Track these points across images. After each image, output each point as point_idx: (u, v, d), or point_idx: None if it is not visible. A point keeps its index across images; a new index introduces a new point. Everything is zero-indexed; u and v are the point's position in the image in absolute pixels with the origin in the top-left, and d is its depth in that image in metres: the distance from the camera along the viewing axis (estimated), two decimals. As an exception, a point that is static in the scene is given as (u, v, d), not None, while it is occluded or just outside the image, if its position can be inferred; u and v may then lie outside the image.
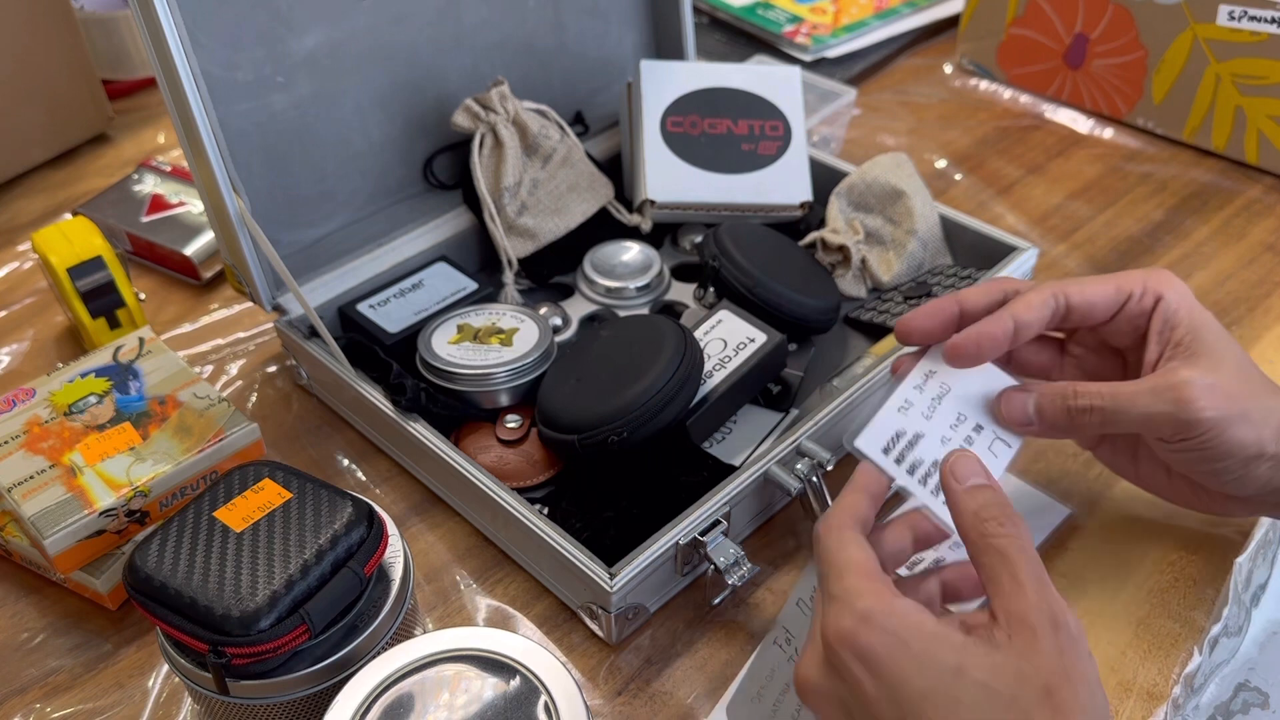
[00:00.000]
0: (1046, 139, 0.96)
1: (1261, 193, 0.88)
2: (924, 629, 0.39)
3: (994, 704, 0.37)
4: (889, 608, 0.40)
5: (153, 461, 0.57)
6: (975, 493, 0.44)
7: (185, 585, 0.44)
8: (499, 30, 0.75)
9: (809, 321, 0.67)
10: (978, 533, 0.42)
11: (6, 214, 0.89)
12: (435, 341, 0.64)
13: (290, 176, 0.68)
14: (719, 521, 0.54)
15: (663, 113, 0.76)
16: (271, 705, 0.46)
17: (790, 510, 0.62)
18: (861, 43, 1.08)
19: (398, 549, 0.50)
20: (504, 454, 0.61)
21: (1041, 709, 0.37)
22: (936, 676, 0.38)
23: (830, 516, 0.46)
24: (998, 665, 0.38)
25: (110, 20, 0.99)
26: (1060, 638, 0.39)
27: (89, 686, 0.54)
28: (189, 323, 0.78)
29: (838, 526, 0.45)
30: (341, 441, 0.68)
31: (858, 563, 0.42)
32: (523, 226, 0.72)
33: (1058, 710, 0.37)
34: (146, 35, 0.59)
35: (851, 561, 0.42)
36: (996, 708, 0.37)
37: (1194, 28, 0.87)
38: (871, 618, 0.40)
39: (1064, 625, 0.39)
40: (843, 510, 0.46)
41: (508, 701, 0.42)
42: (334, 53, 0.68)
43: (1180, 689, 0.52)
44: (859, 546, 0.44)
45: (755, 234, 0.70)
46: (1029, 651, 0.38)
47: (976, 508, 0.43)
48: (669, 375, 0.57)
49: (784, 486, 0.56)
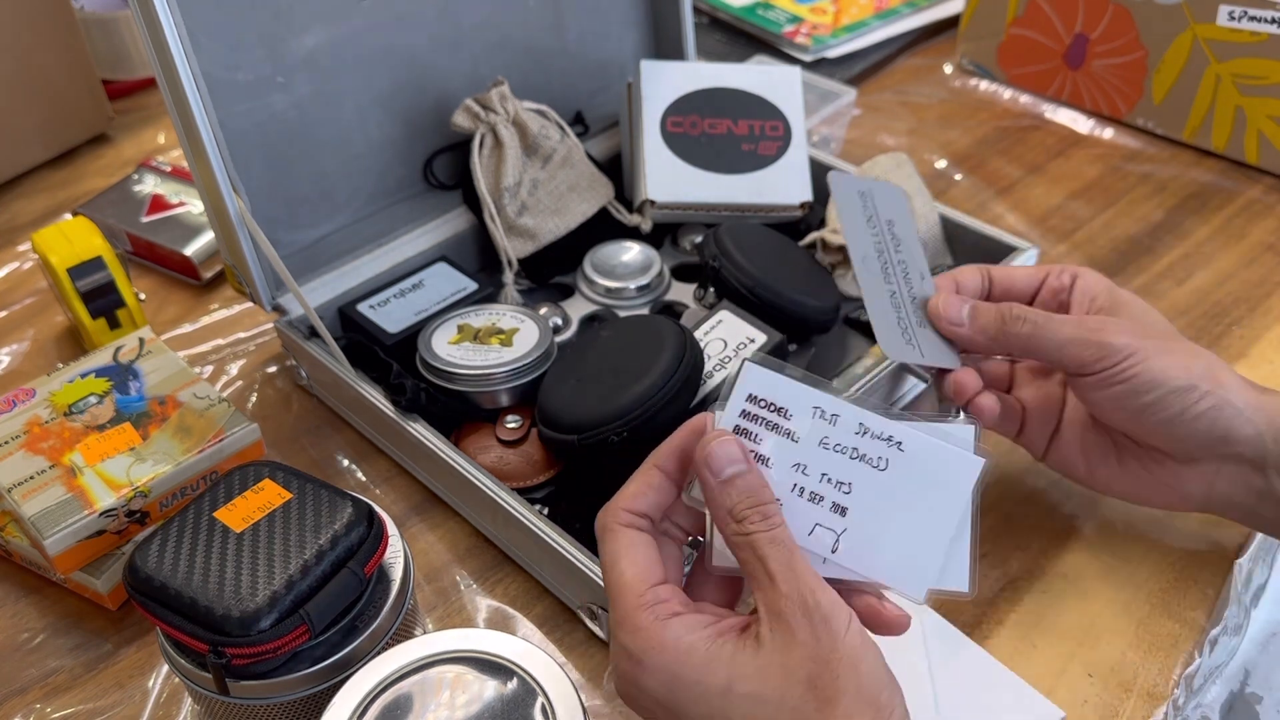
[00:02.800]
0: (1046, 139, 0.96)
1: (1261, 193, 0.88)
2: (693, 658, 0.39)
3: (763, 710, 0.38)
4: (660, 644, 0.40)
5: (153, 462, 0.57)
6: (728, 487, 0.41)
7: (185, 585, 0.44)
8: (499, 30, 0.75)
9: (809, 321, 0.67)
10: (732, 531, 0.41)
11: (6, 214, 0.89)
12: (435, 342, 0.64)
13: (290, 176, 0.68)
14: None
15: (663, 113, 0.76)
16: (271, 705, 0.46)
17: (790, 510, 0.62)
18: (861, 43, 1.08)
19: (398, 549, 0.50)
20: (504, 454, 0.61)
21: (806, 701, 0.38)
22: (709, 702, 0.39)
23: (606, 511, 0.44)
24: (762, 669, 0.38)
25: (110, 20, 0.99)
26: (814, 622, 0.39)
27: (89, 687, 0.54)
28: (189, 323, 0.78)
29: (611, 528, 0.43)
30: (341, 441, 0.68)
31: (628, 585, 0.41)
32: (523, 226, 0.72)
33: (822, 698, 0.38)
34: (146, 35, 0.59)
35: (622, 583, 0.41)
36: (767, 712, 0.38)
37: (1194, 28, 0.87)
38: (644, 660, 0.40)
39: (814, 608, 0.39)
40: (620, 503, 0.43)
41: (505, 703, 0.42)
42: (334, 53, 0.68)
43: (1180, 689, 0.52)
44: (631, 556, 0.42)
45: (755, 234, 0.70)
46: (788, 644, 0.38)
47: (731, 506, 0.41)
48: (669, 375, 0.57)
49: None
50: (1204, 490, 0.53)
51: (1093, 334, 0.51)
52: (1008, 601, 0.57)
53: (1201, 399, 0.50)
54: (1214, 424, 0.51)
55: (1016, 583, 0.58)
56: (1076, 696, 0.52)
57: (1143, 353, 0.51)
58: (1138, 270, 0.80)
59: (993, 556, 0.59)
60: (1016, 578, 0.58)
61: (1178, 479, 0.54)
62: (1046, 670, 0.53)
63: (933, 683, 0.52)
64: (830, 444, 0.43)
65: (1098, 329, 0.52)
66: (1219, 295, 0.77)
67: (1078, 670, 0.53)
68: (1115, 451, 0.56)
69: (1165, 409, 0.51)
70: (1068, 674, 0.53)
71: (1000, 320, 0.53)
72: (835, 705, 0.38)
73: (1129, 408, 0.52)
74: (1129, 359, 0.51)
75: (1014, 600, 0.57)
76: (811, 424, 0.43)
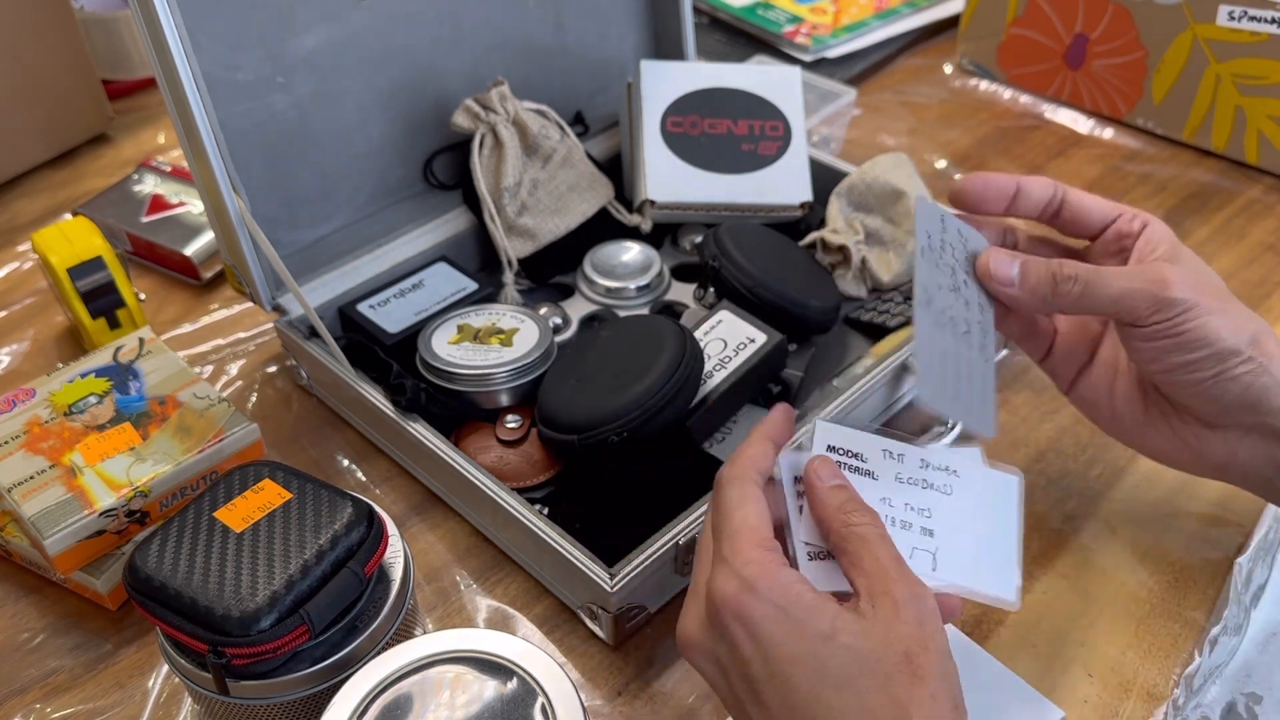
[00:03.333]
0: (1046, 139, 0.96)
1: (1261, 193, 0.88)
2: (803, 599, 0.41)
3: (859, 665, 0.39)
4: (773, 579, 0.41)
5: (153, 462, 0.57)
6: (836, 491, 0.46)
7: (185, 585, 0.44)
8: (499, 30, 0.75)
9: (809, 321, 0.67)
10: (840, 522, 0.44)
11: (6, 214, 0.89)
12: (435, 342, 0.64)
13: (290, 176, 0.68)
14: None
15: (663, 113, 0.76)
16: (271, 705, 0.46)
17: (790, 510, 0.62)
18: (861, 43, 1.08)
19: (398, 549, 0.50)
20: (504, 454, 0.61)
21: (900, 671, 0.39)
22: (808, 642, 0.40)
23: (734, 465, 0.46)
24: (865, 631, 0.40)
25: (110, 20, 0.99)
26: (921, 609, 0.41)
27: (89, 687, 0.54)
28: (189, 323, 0.78)
29: (740, 478, 0.45)
30: (341, 441, 0.68)
31: (751, 528, 0.43)
32: (523, 226, 0.72)
33: (915, 674, 0.39)
34: (146, 35, 0.59)
35: (745, 525, 0.43)
36: (862, 668, 0.39)
37: (1194, 28, 0.87)
38: (755, 586, 0.41)
39: (923, 598, 0.41)
40: (746, 460, 0.46)
41: (504, 703, 0.42)
42: (334, 53, 0.68)
43: (1180, 689, 0.52)
44: (755, 506, 0.44)
45: (755, 234, 0.70)
46: (892, 620, 0.40)
47: (839, 503, 0.45)
48: (669, 375, 0.57)
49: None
50: (1224, 457, 0.53)
51: (1151, 285, 0.50)
52: (1008, 601, 0.57)
53: (1243, 364, 0.50)
54: (1247, 390, 0.50)
55: (1016, 583, 0.58)
56: (1076, 696, 0.52)
57: (1198, 309, 0.49)
58: (1138, 270, 0.80)
59: (993, 556, 0.59)
60: (1016, 578, 0.58)
61: (1201, 441, 0.53)
62: (1046, 670, 0.53)
63: None
64: (904, 478, 0.49)
65: (1157, 279, 0.50)
66: (1219, 295, 0.77)
67: (1078, 670, 0.53)
68: (1143, 401, 0.55)
69: (1206, 368, 0.50)
70: (1068, 674, 0.53)
71: (1051, 280, 0.52)
72: (924, 684, 0.39)
73: (1172, 362, 0.51)
74: (1185, 313, 0.49)
75: (1014, 600, 0.57)
76: (884, 463, 0.49)
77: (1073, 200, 0.56)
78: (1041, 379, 0.70)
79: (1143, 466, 0.64)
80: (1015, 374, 0.70)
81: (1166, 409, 0.54)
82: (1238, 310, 0.51)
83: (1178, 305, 0.49)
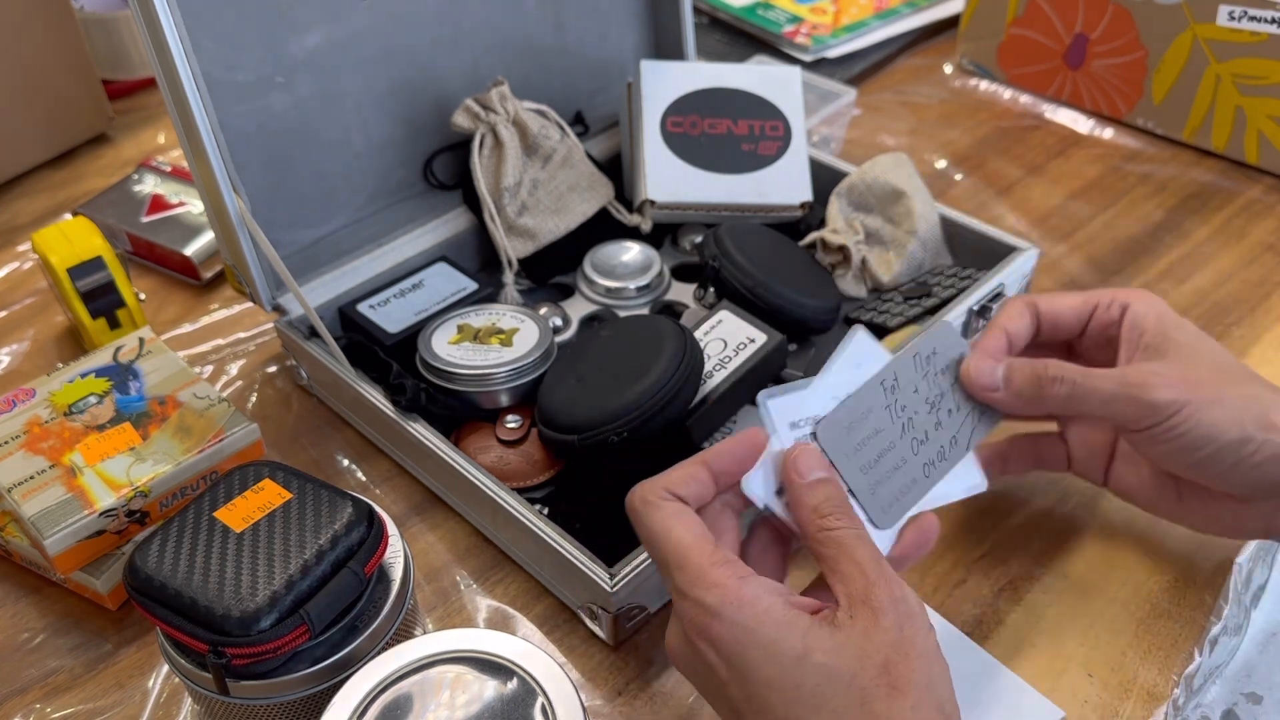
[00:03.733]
0: (1046, 139, 0.96)
1: (1261, 193, 0.88)
2: (772, 616, 0.39)
3: (834, 684, 0.38)
4: (737, 598, 0.40)
5: (153, 462, 0.57)
6: (815, 487, 0.44)
7: (185, 585, 0.44)
8: (499, 30, 0.75)
9: (809, 321, 0.67)
10: (816, 526, 0.43)
11: (6, 214, 0.89)
12: (435, 342, 0.64)
13: (290, 176, 0.68)
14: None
15: (663, 113, 0.76)
16: (271, 705, 0.46)
17: (790, 510, 0.62)
18: (861, 43, 1.08)
19: (398, 549, 0.50)
20: (504, 454, 0.61)
21: (878, 684, 0.38)
22: (781, 664, 0.39)
23: (646, 488, 0.44)
24: (840, 646, 0.39)
25: (110, 20, 0.99)
26: (900, 613, 0.40)
27: (89, 687, 0.54)
28: (189, 323, 0.78)
29: (655, 501, 0.43)
30: (341, 441, 0.68)
31: (692, 547, 0.41)
32: (523, 226, 0.72)
33: (894, 685, 0.38)
34: (146, 36, 0.59)
35: (684, 548, 0.41)
36: (836, 687, 0.38)
37: (1194, 28, 0.87)
38: (721, 612, 0.40)
39: (902, 600, 0.40)
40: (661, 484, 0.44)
41: (505, 703, 0.42)
42: (334, 53, 0.68)
43: (1180, 689, 0.52)
44: (686, 524, 0.42)
45: (755, 234, 0.70)
46: (870, 629, 0.39)
47: (816, 503, 0.43)
48: (669, 375, 0.57)
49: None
50: (1265, 525, 0.52)
51: (1135, 390, 0.48)
52: (1008, 601, 0.57)
53: (1258, 450, 0.48)
54: (1271, 472, 0.48)
55: (1016, 583, 0.58)
56: (1076, 696, 0.52)
57: (1190, 407, 0.48)
58: (1138, 270, 0.80)
59: (993, 556, 0.59)
60: (1016, 578, 0.58)
61: (1238, 517, 0.52)
62: (1046, 670, 0.53)
63: None
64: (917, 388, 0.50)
65: (1139, 384, 0.48)
66: (1219, 295, 0.77)
67: (1078, 670, 0.53)
68: (1174, 487, 0.54)
69: (1220, 462, 0.49)
70: (1068, 674, 0.53)
71: (1036, 383, 0.51)
72: (905, 695, 0.38)
73: (1183, 462, 0.50)
74: (1175, 416, 0.48)
75: (1014, 600, 0.57)
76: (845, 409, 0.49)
77: (1045, 309, 0.55)
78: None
79: (1143, 466, 0.64)
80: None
81: (1199, 490, 0.53)
82: (1235, 395, 0.49)
83: (1165, 409, 0.48)
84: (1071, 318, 0.55)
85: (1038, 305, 0.55)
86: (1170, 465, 0.51)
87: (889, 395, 0.50)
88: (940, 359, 0.52)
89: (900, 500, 0.49)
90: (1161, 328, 0.51)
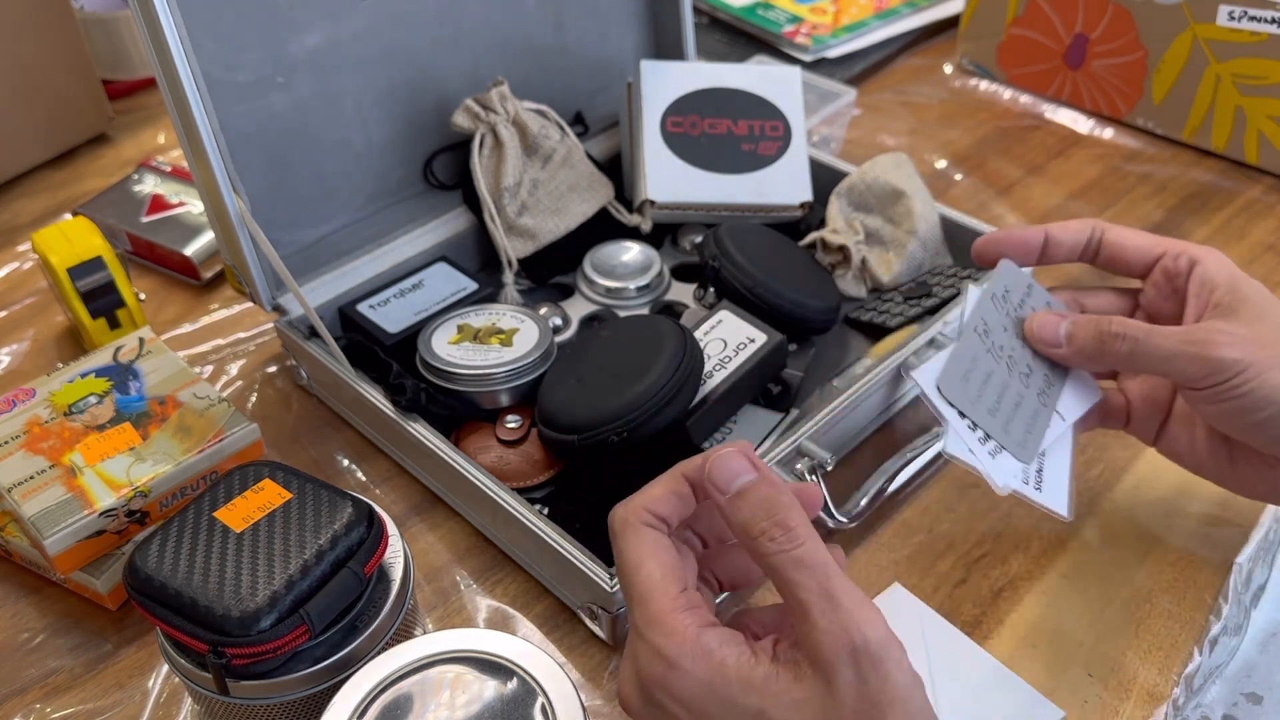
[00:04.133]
0: (1046, 139, 0.96)
1: (1261, 193, 0.88)
2: (726, 671, 0.37)
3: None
4: (695, 649, 0.38)
5: (153, 462, 0.57)
6: (740, 501, 0.40)
7: (185, 585, 0.44)
8: (499, 30, 0.75)
9: (809, 322, 0.67)
10: (753, 551, 0.39)
11: (6, 214, 0.89)
12: (435, 342, 0.64)
13: (290, 176, 0.68)
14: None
15: (663, 113, 0.76)
16: (271, 705, 0.46)
17: (790, 510, 0.62)
18: (861, 43, 1.08)
19: (398, 549, 0.50)
20: (504, 454, 0.61)
21: None
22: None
23: (626, 506, 0.42)
24: (797, 703, 0.36)
25: (110, 20, 0.99)
26: (861, 666, 0.36)
27: (89, 687, 0.54)
28: (189, 323, 0.78)
29: (632, 524, 0.41)
30: (341, 441, 0.68)
31: (658, 585, 0.39)
32: (523, 226, 0.72)
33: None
34: (146, 36, 0.59)
35: (651, 584, 0.39)
36: None
37: (1194, 28, 0.87)
38: (679, 665, 0.38)
39: (862, 649, 0.36)
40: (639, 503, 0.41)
41: (505, 703, 0.42)
42: (334, 53, 0.68)
43: (1180, 689, 0.52)
44: (659, 558, 0.40)
45: (755, 234, 0.70)
46: (830, 686, 0.36)
47: (744, 521, 0.39)
48: (669, 375, 0.57)
49: (784, 487, 0.56)
50: None
51: (1199, 348, 0.48)
52: (1008, 601, 0.57)
53: None
54: None
55: (1016, 583, 0.58)
56: (1076, 696, 0.52)
57: (1255, 368, 0.47)
58: (1138, 270, 0.80)
59: (993, 556, 0.59)
60: (1016, 578, 0.58)
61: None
62: (1046, 670, 0.53)
63: (933, 683, 0.52)
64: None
65: (1204, 342, 0.48)
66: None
67: (1078, 670, 0.53)
68: (1227, 450, 0.54)
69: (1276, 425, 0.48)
70: (1068, 674, 0.53)
71: (1099, 339, 0.51)
72: None
73: (1241, 423, 0.49)
74: (1239, 376, 0.47)
75: (1014, 600, 0.57)
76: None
77: (1111, 240, 0.55)
78: (1041, 379, 0.70)
79: (1143, 466, 0.64)
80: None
81: (1250, 455, 0.53)
82: None
83: (1230, 368, 0.47)
84: (1134, 257, 0.54)
85: (1104, 231, 0.55)
86: (1226, 426, 0.51)
87: (984, 340, 0.53)
88: (1014, 294, 0.55)
89: (1032, 431, 0.51)
90: (1233, 285, 0.51)
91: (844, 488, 0.62)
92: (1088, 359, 0.52)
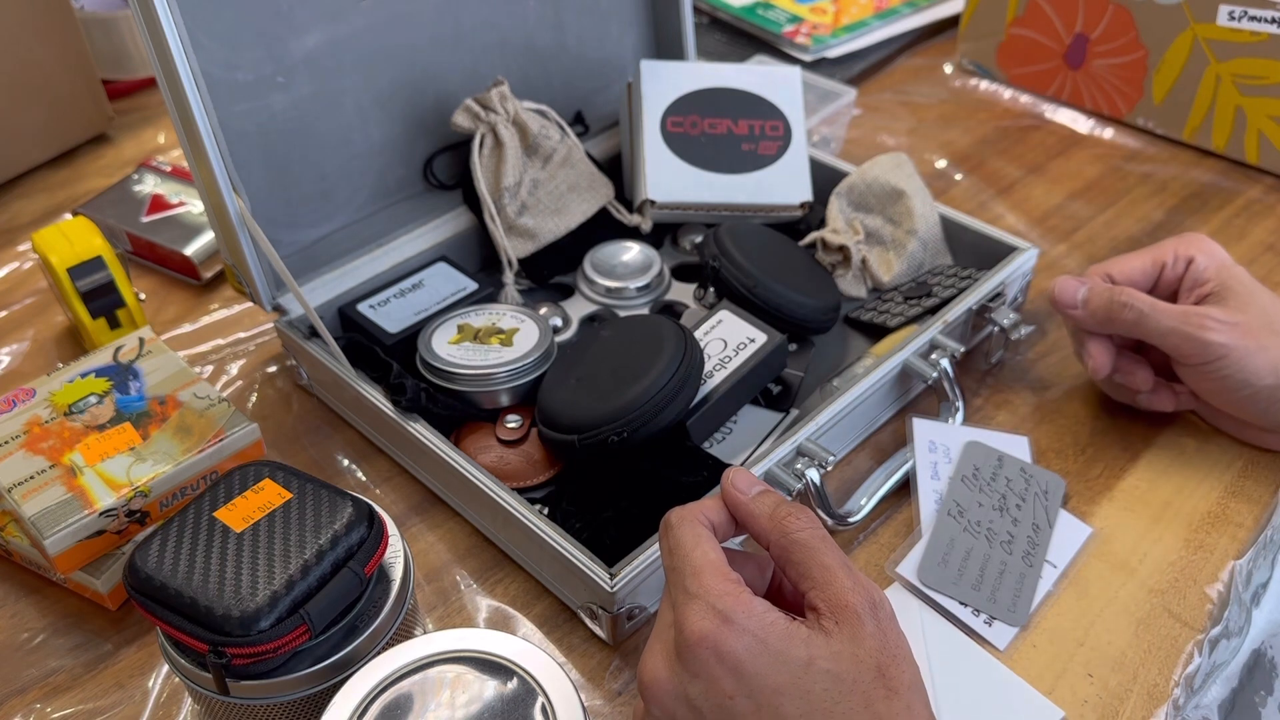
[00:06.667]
0: (1046, 139, 0.96)
1: (1261, 193, 0.88)
2: (778, 627, 0.41)
3: (839, 689, 0.39)
4: (748, 609, 0.41)
5: (153, 461, 0.57)
6: (763, 498, 0.45)
7: (185, 585, 0.44)
8: (499, 30, 0.75)
9: (809, 322, 0.67)
10: (778, 531, 0.44)
11: (6, 214, 0.89)
12: (435, 342, 0.64)
13: (290, 176, 0.68)
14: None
15: (663, 113, 0.76)
16: (271, 705, 0.46)
17: (790, 510, 0.62)
18: (861, 43, 1.08)
19: (398, 549, 0.50)
20: (504, 454, 0.61)
21: (876, 688, 0.40)
22: (790, 671, 0.40)
23: (685, 508, 0.46)
24: (837, 653, 0.40)
25: (110, 20, 0.99)
26: (880, 617, 0.41)
27: (89, 687, 0.54)
28: (189, 323, 0.78)
29: (690, 519, 0.45)
30: (341, 441, 0.68)
31: (713, 562, 0.43)
32: (523, 226, 0.72)
33: (889, 688, 0.40)
34: (146, 35, 0.59)
35: (707, 560, 0.43)
36: (842, 692, 0.39)
37: (1194, 28, 0.87)
38: (733, 619, 0.41)
39: (880, 605, 0.42)
40: (698, 507, 0.46)
41: (505, 703, 0.42)
42: (334, 53, 0.68)
43: (1180, 689, 0.52)
44: (713, 545, 0.44)
45: (755, 234, 0.70)
46: (857, 635, 0.40)
47: (770, 509, 0.45)
48: (669, 375, 0.57)
49: (784, 486, 0.56)
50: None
51: (1192, 329, 0.57)
52: (1008, 601, 0.57)
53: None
54: None
55: (1016, 583, 0.58)
56: (1076, 696, 0.52)
57: (1237, 352, 0.56)
58: (1138, 270, 0.80)
59: (993, 556, 0.59)
60: (1016, 578, 0.58)
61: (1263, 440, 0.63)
62: (1046, 670, 0.53)
63: (933, 683, 0.52)
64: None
65: (1197, 325, 0.57)
66: (1219, 295, 0.77)
67: (1078, 670, 0.53)
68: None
69: (1256, 402, 0.58)
70: (1068, 674, 0.53)
71: (1109, 306, 0.60)
72: (899, 695, 0.40)
73: (1224, 398, 0.59)
74: (1222, 358, 0.57)
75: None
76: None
77: (1119, 277, 0.62)
78: (1041, 379, 0.70)
79: (1143, 467, 0.64)
80: (1016, 374, 0.70)
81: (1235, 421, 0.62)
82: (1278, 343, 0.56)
83: (1216, 350, 0.56)
84: (1142, 280, 0.62)
85: (1111, 275, 0.62)
86: (1212, 398, 0.60)
87: (959, 520, 0.58)
88: (984, 471, 0.60)
89: (1021, 594, 0.55)
90: (1221, 278, 0.60)
91: (844, 488, 0.62)
92: (1098, 322, 0.61)
